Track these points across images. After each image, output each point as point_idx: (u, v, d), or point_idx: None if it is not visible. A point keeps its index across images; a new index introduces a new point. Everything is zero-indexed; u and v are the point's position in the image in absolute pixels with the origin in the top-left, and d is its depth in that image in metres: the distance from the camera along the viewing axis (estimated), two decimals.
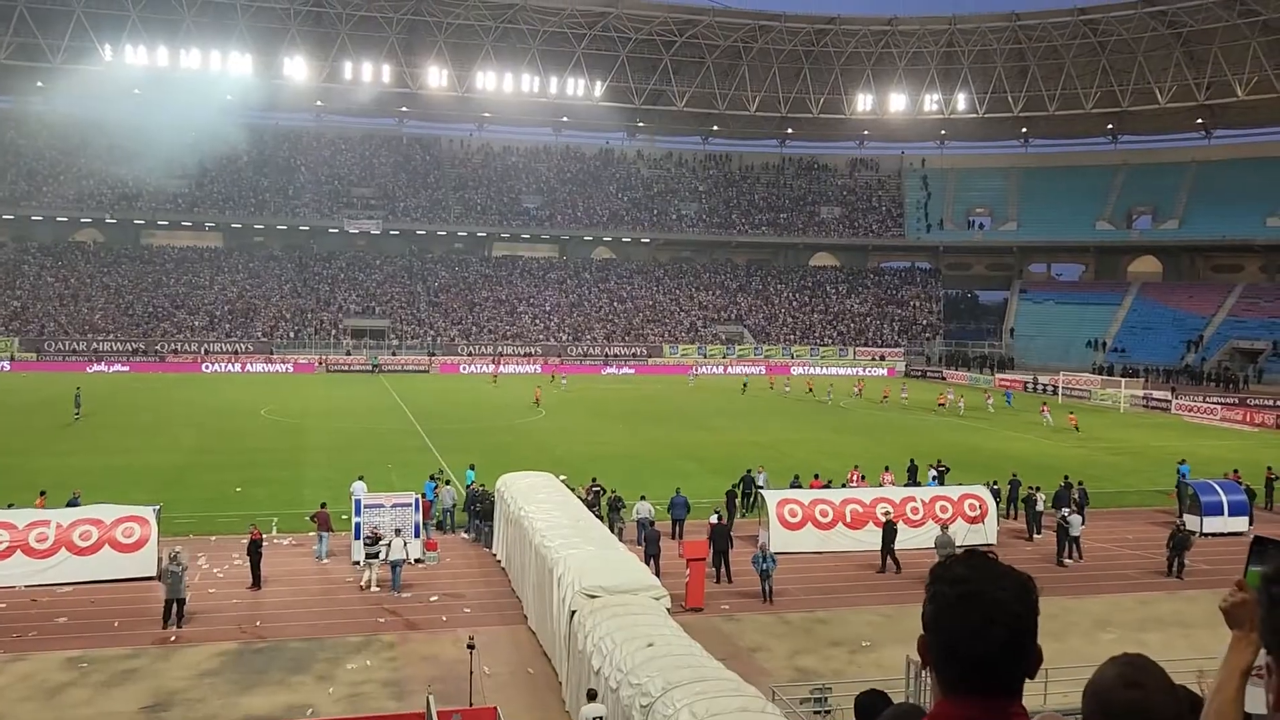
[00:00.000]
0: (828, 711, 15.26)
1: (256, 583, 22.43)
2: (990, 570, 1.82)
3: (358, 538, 23.88)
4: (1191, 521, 28.84)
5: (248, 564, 22.69)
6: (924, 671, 1.98)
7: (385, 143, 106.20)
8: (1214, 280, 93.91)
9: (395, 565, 22.74)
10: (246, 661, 18.34)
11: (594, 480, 29.15)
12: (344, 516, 25.95)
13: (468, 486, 29.42)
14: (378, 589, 22.52)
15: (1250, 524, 28.91)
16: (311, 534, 25.48)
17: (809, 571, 24.71)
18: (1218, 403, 60.62)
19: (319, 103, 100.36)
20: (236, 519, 27.28)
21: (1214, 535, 28.27)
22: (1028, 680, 1.85)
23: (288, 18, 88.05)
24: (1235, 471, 33.02)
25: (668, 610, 16.50)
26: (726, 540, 23.93)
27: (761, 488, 29.65)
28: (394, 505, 24.93)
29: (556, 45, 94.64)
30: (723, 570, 23.66)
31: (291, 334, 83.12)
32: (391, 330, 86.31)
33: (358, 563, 23.61)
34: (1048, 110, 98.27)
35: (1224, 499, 29.31)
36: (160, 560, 21.86)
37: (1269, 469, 33.98)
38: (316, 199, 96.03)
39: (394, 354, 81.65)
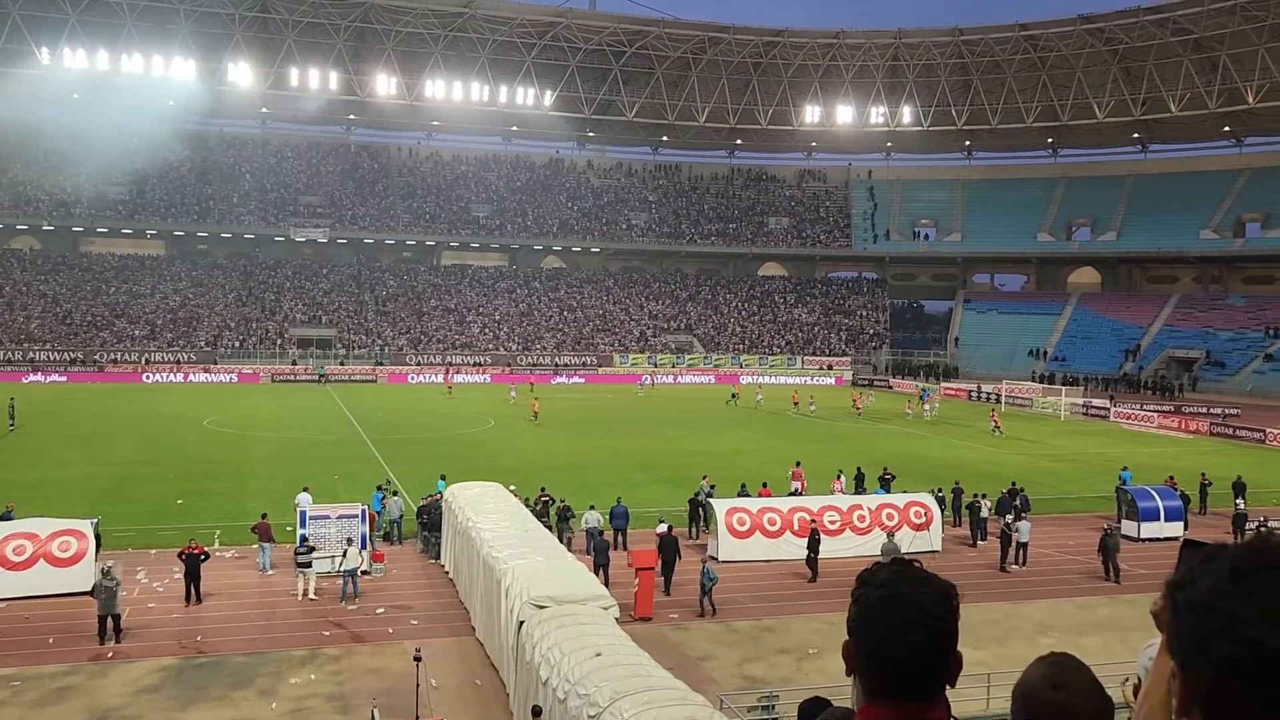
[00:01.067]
0: (775, 719, 15.35)
1: (190, 598, 22.01)
2: (913, 575, 1.87)
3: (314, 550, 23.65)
4: (1129, 527, 29.49)
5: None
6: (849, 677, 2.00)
7: (333, 150, 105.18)
8: (1150, 291, 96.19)
9: (349, 574, 22.58)
10: (187, 677, 18.00)
11: (543, 490, 29.07)
12: (288, 528, 25.62)
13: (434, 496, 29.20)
14: (314, 598, 22.35)
15: (1185, 529, 29.58)
16: (255, 546, 25.11)
17: (757, 579, 24.84)
18: (1154, 410, 62.01)
19: (264, 110, 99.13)
20: (177, 532, 26.77)
21: (1151, 540, 28.89)
22: (949, 688, 1.87)
23: (232, 23, 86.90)
24: (1171, 478, 33.81)
25: (616, 620, 16.50)
26: (674, 551, 23.90)
27: (709, 496, 29.74)
28: (340, 516, 24.70)
29: (506, 54, 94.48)
30: (669, 580, 23.63)
31: (236, 343, 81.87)
32: (339, 339, 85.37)
33: (316, 574, 23.36)
34: (990, 124, 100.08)
35: (1160, 505, 29.96)
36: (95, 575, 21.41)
37: (1203, 475, 34.84)
38: (262, 207, 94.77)
39: (341, 364, 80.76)
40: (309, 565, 22.69)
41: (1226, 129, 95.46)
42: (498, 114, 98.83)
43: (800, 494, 32.22)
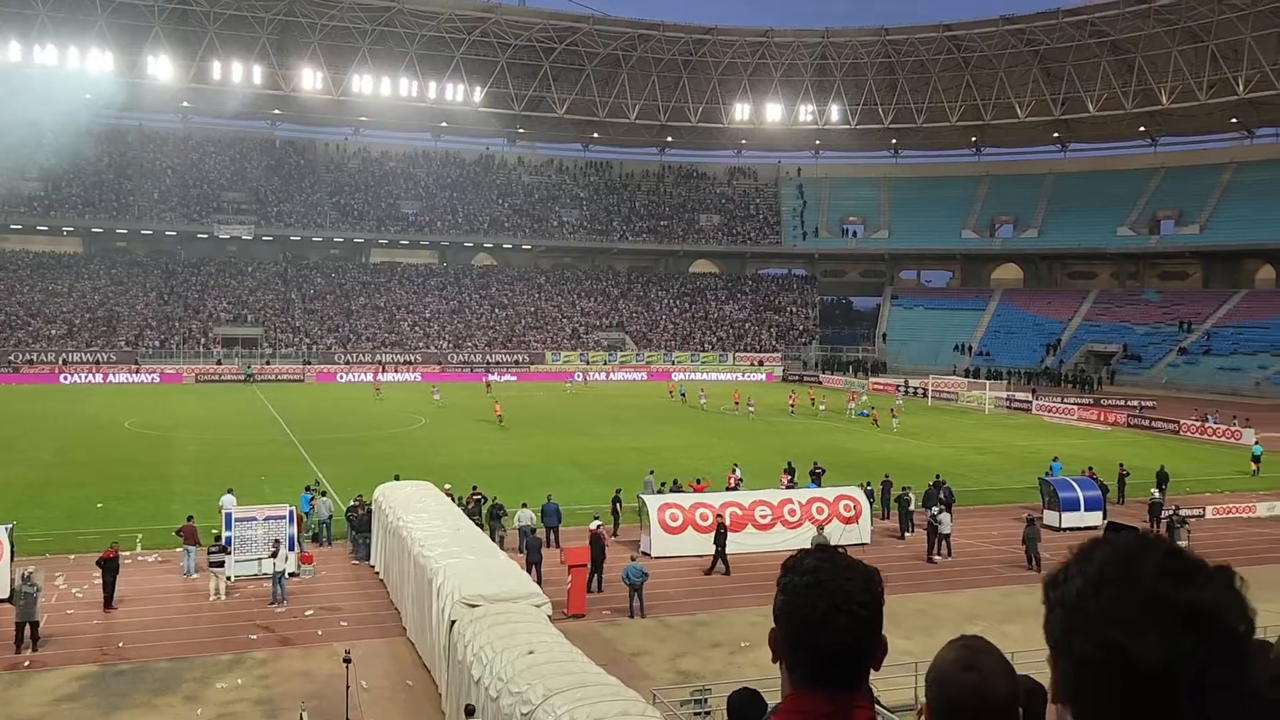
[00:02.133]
0: (707, 713, 15.49)
1: (108, 603, 21.50)
2: (838, 561, 1.91)
3: (228, 552, 23.27)
4: (1051, 517, 30.29)
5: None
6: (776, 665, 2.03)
7: (257, 146, 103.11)
8: (1070, 287, 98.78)
9: (278, 577, 22.26)
10: (108, 685, 17.56)
11: (474, 488, 28.90)
12: (214, 531, 25.10)
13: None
14: (221, 598, 22.21)
15: (1104, 518, 30.46)
16: (179, 549, 24.58)
17: (690, 574, 24.99)
18: (1074, 403, 63.67)
19: (186, 104, 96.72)
20: (97, 536, 26.07)
21: (1072, 530, 29.69)
22: (874, 672, 1.91)
23: (151, 15, 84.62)
24: (1090, 468, 34.81)
25: (549, 617, 16.50)
26: (601, 549, 23.87)
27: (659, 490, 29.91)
28: (267, 518, 24.29)
29: (435, 50, 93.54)
30: (596, 580, 23.46)
31: (157, 343, 79.86)
32: (265, 338, 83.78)
33: (229, 577, 22.97)
34: (916, 123, 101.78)
35: (1080, 495, 30.83)
36: (13, 581, 20.76)
37: (1121, 465, 35.94)
38: (184, 203, 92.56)
39: (268, 363, 79.27)
40: (220, 565, 22.47)
41: (1142, 129, 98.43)
42: (427, 110, 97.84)
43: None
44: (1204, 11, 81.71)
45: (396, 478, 29.24)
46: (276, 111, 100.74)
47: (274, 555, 22.65)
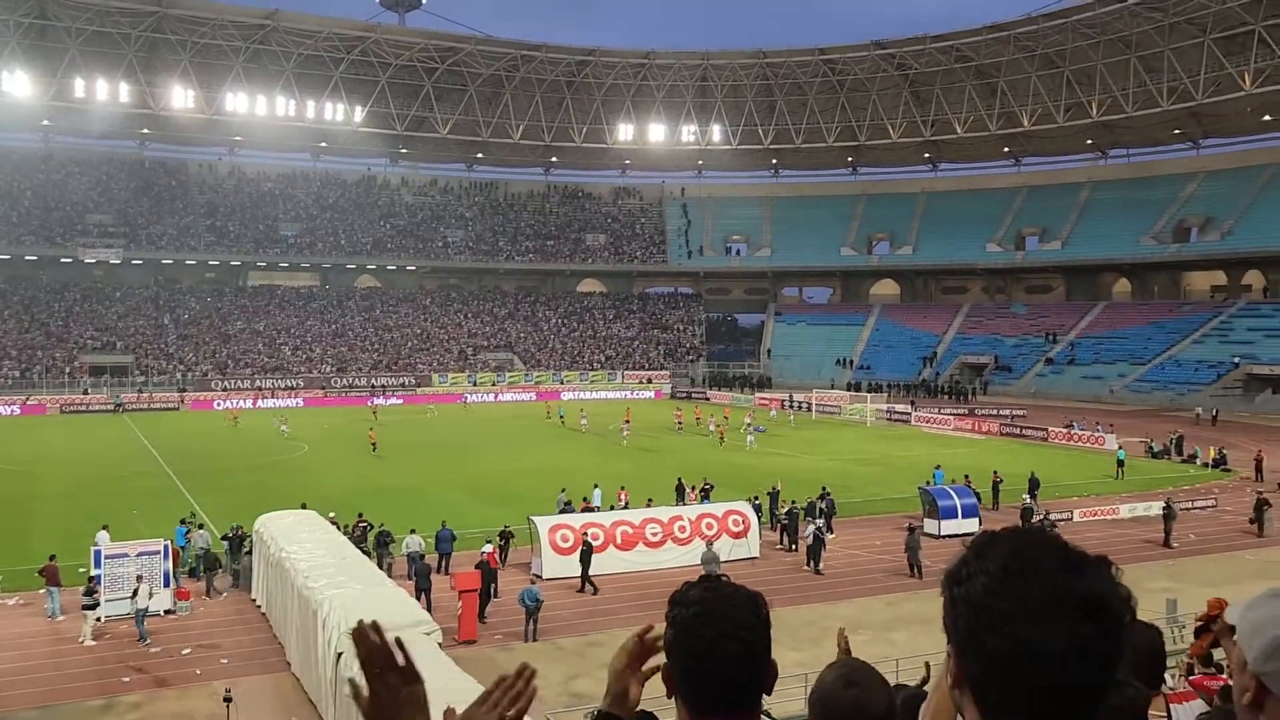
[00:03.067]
0: None
1: None
2: (722, 589, 1.96)
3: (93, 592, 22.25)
4: (931, 525, 31.25)
5: None
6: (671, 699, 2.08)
7: (125, 166, 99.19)
8: (944, 301, 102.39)
9: (139, 615, 21.35)
10: None
11: (360, 516, 28.30)
12: (80, 569, 23.96)
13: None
14: (92, 643, 21.11)
15: (980, 525, 31.58)
16: (42, 591, 23.38)
17: (582, 596, 24.93)
18: (950, 414, 65.89)
19: (46, 122, 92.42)
20: None
21: (951, 537, 30.68)
22: (766, 696, 1.95)
23: (6, 29, 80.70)
24: (966, 477, 36.08)
25: (439, 645, 16.27)
26: (491, 578, 23.64)
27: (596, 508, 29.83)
28: (140, 554, 23.31)
29: (313, 69, 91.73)
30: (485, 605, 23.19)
31: (17, 373, 75.90)
32: (136, 366, 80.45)
33: (99, 618, 21.95)
34: (795, 143, 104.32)
35: (958, 503, 31.92)
36: None
37: (995, 473, 37.35)
38: (45, 226, 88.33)
39: (140, 391, 76.11)
40: (93, 608, 21.45)
41: (1006, 149, 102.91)
42: (305, 129, 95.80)
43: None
44: (1059, 39, 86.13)
45: (303, 506, 28.32)
46: (145, 131, 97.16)
47: (134, 595, 21.71)
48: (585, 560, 25.36)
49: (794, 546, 30.02)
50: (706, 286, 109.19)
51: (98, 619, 21.80)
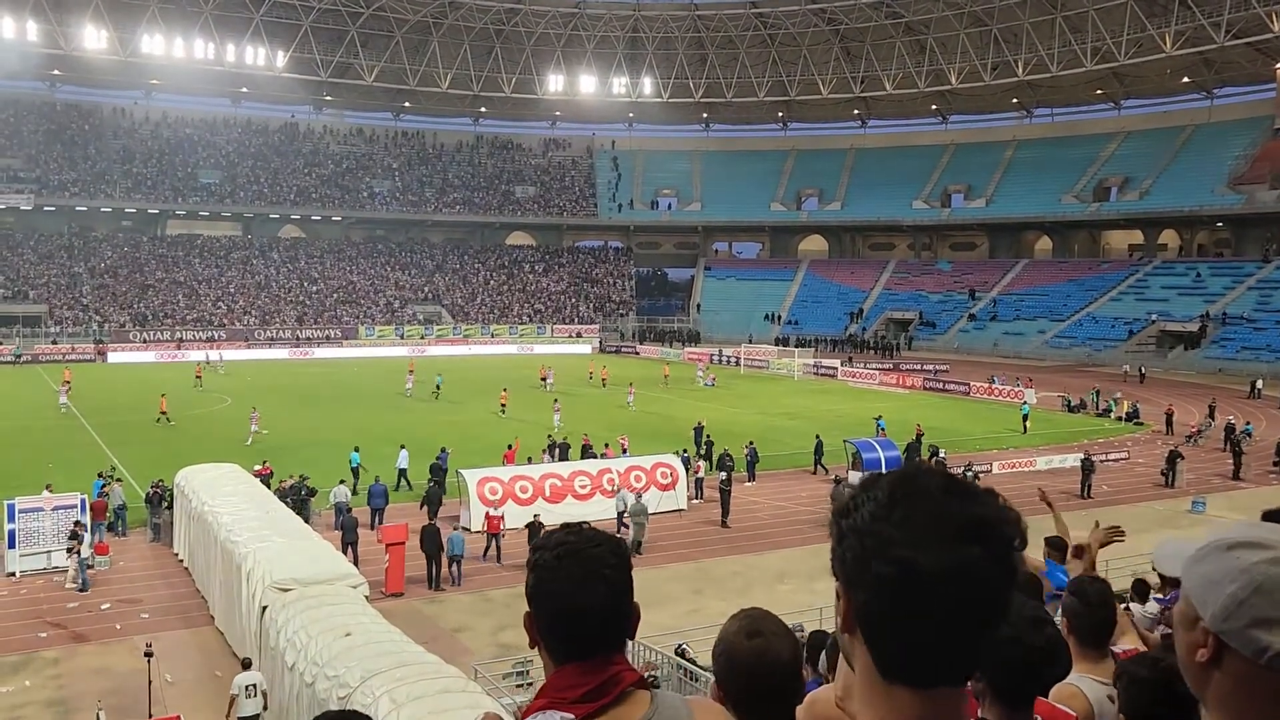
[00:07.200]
0: (530, 684, 15.62)
1: None
2: (585, 533, 1.95)
3: (11, 546, 21.76)
4: (854, 476, 31.83)
5: None
6: (535, 650, 2.06)
7: (35, 109, 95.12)
8: (871, 257, 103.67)
9: (82, 565, 21.30)
10: None
11: (301, 476, 27.93)
12: None
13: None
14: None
15: None
16: None
17: (508, 548, 25.00)
18: (876, 369, 67.00)
19: None
20: None
21: None
22: (630, 641, 1.96)
23: None
24: (882, 427, 36.81)
25: (366, 598, 16.21)
26: (436, 541, 22.48)
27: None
28: (55, 508, 22.76)
29: (232, 10, 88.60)
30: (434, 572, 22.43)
31: None
32: (50, 316, 77.88)
33: (12, 574, 21.47)
34: (726, 97, 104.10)
35: (881, 455, 32.56)
36: None
37: (918, 426, 38.19)
38: None
39: (54, 343, 73.76)
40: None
41: (934, 107, 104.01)
42: (225, 74, 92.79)
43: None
44: None
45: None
46: (56, 72, 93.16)
47: (77, 540, 21.41)
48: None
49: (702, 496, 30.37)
50: (636, 240, 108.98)
51: (9, 573, 21.31)
